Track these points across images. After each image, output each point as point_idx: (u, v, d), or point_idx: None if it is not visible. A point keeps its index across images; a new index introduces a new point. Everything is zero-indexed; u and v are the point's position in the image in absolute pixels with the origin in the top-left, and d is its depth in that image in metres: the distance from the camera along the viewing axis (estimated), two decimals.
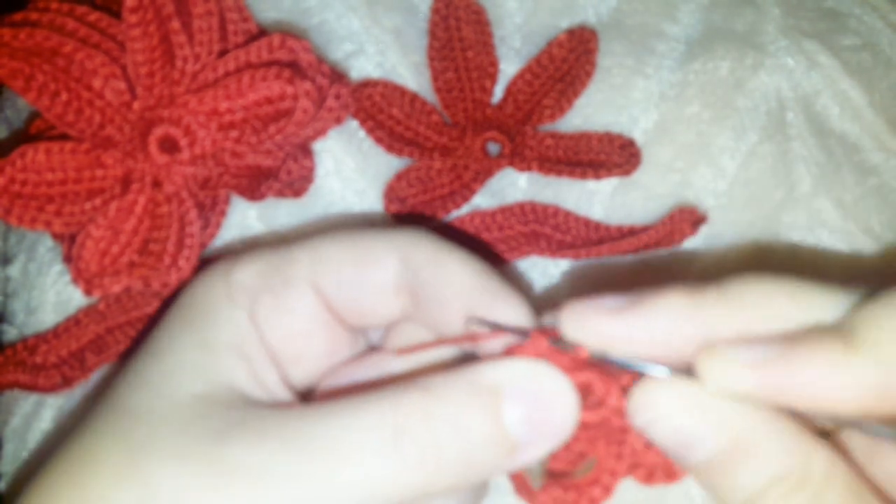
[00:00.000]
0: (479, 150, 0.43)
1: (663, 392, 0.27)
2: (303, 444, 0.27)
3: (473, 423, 0.28)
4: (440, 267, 0.31)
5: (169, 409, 0.28)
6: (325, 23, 0.45)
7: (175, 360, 0.30)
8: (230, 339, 0.31)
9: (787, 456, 0.26)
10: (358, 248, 0.33)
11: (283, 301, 0.32)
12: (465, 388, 0.28)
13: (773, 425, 0.27)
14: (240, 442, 0.27)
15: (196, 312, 0.32)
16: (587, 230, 0.42)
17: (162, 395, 0.29)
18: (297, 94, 0.36)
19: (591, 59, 0.44)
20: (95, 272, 0.36)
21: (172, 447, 0.27)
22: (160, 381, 0.29)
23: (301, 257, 0.33)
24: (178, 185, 0.38)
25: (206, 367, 0.30)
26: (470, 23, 0.44)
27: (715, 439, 0.27)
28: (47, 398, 0.41)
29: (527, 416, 0.28)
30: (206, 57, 0.38)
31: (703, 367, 0.27)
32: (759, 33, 0.47)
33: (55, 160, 0.36)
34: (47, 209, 0.36)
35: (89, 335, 0.40)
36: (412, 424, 0.27)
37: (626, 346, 0.28)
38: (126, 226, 0.37)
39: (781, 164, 0.44)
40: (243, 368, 0.30)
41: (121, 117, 0.37)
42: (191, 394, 0.29)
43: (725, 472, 0.27)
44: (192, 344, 0.30)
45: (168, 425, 0.28)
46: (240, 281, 0.32)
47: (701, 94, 0.45)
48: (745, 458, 0.26)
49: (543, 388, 0.28)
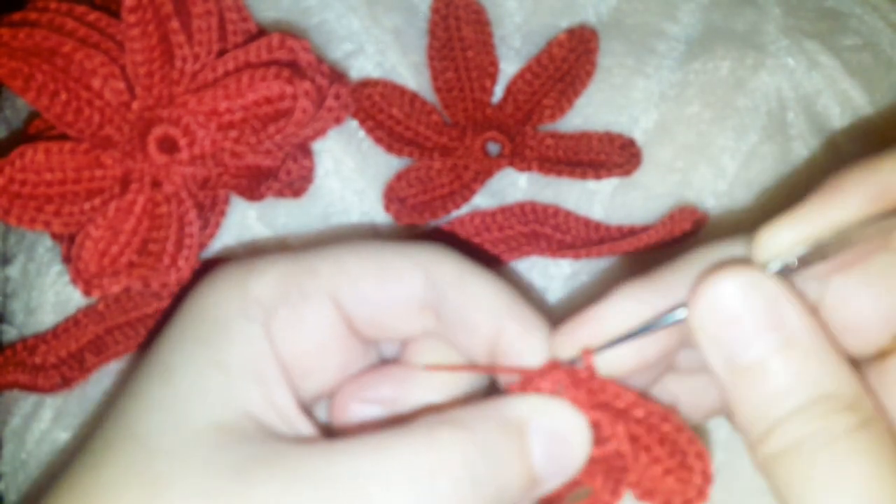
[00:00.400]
0: (479, 150, 0.42)
1: (736, 275, 0.27)
2: (333, 485, 0.26)
3: (507, 459, 0.28)
4: (466, 287, 0.31)
5: (187, 441, 0.27)
6: (325, 22, 0.45)
7: (189, 383, 0.29)
8: (246, 360, 0.29)
9: (840, 380, 0.26)
10: (382, 261, 0.32)
11: (300, 314, 0.31)
12: (495, 422, 0.28)
13: (827, 344, 0.26)
14: (266, 482, 0.26)
15: (209, 328, 0.30)
16: (587, 230, 0.42)
17: (178, 424, 0.27)
18: (296, 93, 0.36)
19: (592, 59, 0.44)
20: (94, 272, 0.36)
21: (195, 484, 0.26)
22: (175, 407, 0.28)
23: (322, 268, 0.32)
24: (177, 185, 0.38)
25: (222, 393, 0.28)
26: (470, 22, 0.44)
27: (777, 337, 0.26)
28: (46, 398, 0.41)
29: (548, 452, 0.28)
30: (206, 57, 0.38)
31: (756, 238, 0.27)
32: (760, 33, 0.47)
33: (54, 160, 0.36)
34: (46, 209, 0.36)
35: (88, 335, 0.40)
36: (448, 462, 0.27)
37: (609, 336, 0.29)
38: (125, 226, 0.37)
39: (782, 165, 0.44)
40: (260, 393, 0.29)
41: (120, 117, 0.37)
42: (209, 423, 0.27)
43: (772, 378, 0.26)
44: (207, 364, 0.29)
45: (188, 459, 0.26)
46: (255, 293, 0.31)
47: (701, 94, 0.45)
48: (799, 366, 0.26)
49: (564, 425, 0.29)
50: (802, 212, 0.27)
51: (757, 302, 0.26)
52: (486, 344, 0.31)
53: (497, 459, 0.28)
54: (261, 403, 0.29)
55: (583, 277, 0.42)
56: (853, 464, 0.25)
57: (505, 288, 0.32)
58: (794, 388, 0.26)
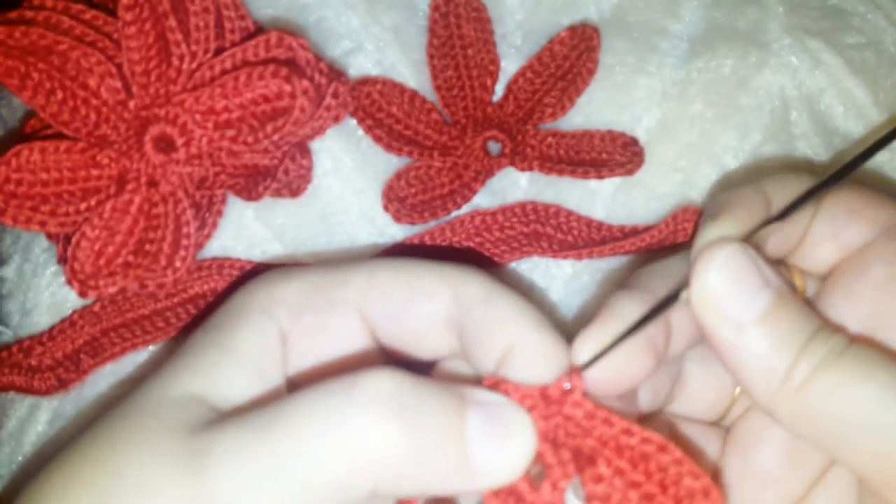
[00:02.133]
0: (479, 149, 0.42)
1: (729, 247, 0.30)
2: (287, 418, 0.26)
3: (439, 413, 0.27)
4: (491, 304, 0.31)
5: (156, 404, 0.28)
6: (324, 20, 0.45)
7: (189, 360, 0.30)
8: (248, 350, 0.30)
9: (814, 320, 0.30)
10: (412, 276, 0.32)
11: (324, 322, 0.31)
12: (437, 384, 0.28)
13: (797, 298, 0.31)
14: (210, 434, 0.26)
15: (227, 318, 0.31)
16: (589, 230, 0.42)
17: (158, 392, 0.29)
18: (294, 92, 0.35)
19: (593, 57, 0.44)
20: (90, 273, 0.36)
21: (147, 438, 0.27)
22: (167, 379, 0.29)
23: (353, 279, 0.32)
24: (174, 185, 0.37)
25: (212, 368, 0.29)
26: (470, 20, 0.44)
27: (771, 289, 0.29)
28: (42, 401, 0.40)
29: (486, 430, 0.27)
30: (203, 55, 0.37)
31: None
32: (763, 31, 0.46)
33: (50, 159, 0.36)
34: (42, 209, 0.36)
35: (84, 337, 0.40)
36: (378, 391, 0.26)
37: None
38: (121, 226, 0.36)
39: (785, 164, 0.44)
40: (249, 378, 0.29)
41: (116, 116, 0.37)
42: (185, 391, 0.28)
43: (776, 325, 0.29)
44: (211, 344, 0.30)
45: (151, 419, 0.27)
46: (282, 295, 0.31)
47: (704, 93, 0.45)
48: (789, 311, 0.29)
49: (506, 410, 0.28)
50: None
51: (750, 264, 0.29)
52: (497, 359, 0.31)
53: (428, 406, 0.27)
54: (246, 388, 0.29)
55: (584, 278, 0.42)
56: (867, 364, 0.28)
57: (529, 307, 0.32)
58: (798, 326, 0.29)
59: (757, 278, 0.29)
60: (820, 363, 0.28)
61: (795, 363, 0.28)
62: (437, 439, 0.27)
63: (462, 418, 0.27)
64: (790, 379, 0.28)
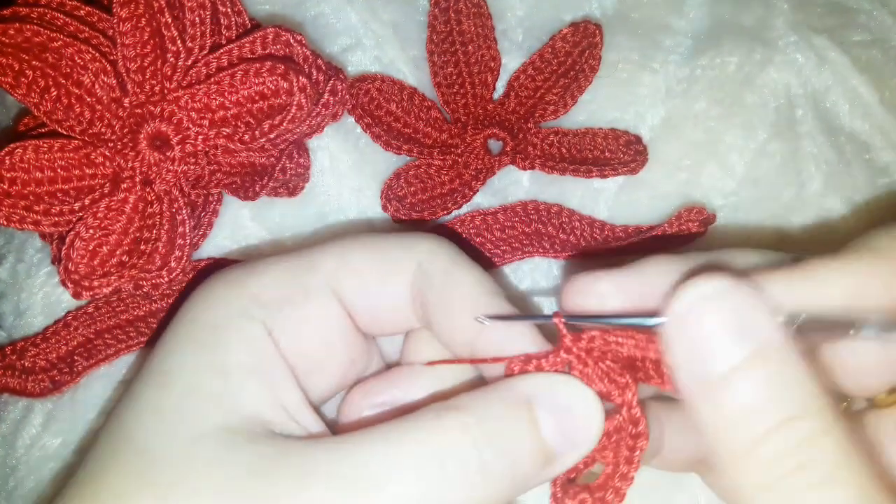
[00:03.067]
0: (480, 148, 0.42)
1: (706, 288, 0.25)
2: (344, 477, 0.26)
3: (514, 435, 0.28)
4: (452, 279, 0.31)
5: (190, 446, 0.27)
6: (322, 16, 0.45)
7: (187, 388, 0.28)
8: (247, 361, 0.29)
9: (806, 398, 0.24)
10: (382, 253, 0.32)
11: (304, 312, 0.31)
12: (500, 402, 0.28)
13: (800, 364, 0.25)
14: (278, 479, 0.26)
15: (207, 331, 0.30)
16: (591, 230, 0.41)
17: (179, 431, 0.27)
18: (292, 89, 0.35)
19: (596, 54, 0.44)
20: (85, 274, 0.35)
21: (204, 485, 0.26)
22: (175, 414, 0.28)
23: (324, 264, 0.32)
24: (169, 184, 0.37)
25: (222, 395, 0.28)
26: (470, 16, 0.43)
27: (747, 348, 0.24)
28: (36, 403, 0.40)
29: (558, 426, 0.28)
30: (199, 52, 0.37)
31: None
32: (768, 28, 0.46)
33: (44, 158, 0.35)
34: (36, 209, 0.35)
35: (78, 338, 0.39)
36: (455, 444, 0.27)
37: (618, 301, 0.29)
38: (116, 225, 0.36)
39: (791, 163, 0.44)
40: (265, 393, 0.29)
41: (111, 114, 0.36)
42: (212, 426, 0.27)
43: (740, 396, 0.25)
44: (206, 368, 0.29)
45: (193, 464, 0.26)
46: (256, 293, 0.30)
47: (709, 91, 0.44)
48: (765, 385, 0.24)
49: (570, 397, 0.29)
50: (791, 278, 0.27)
51: (726, 312, 0.25)
52: (467, 334, 0.31)
53: (505, 437, 0.27)
54: (267, 403, 0.29)
55: None
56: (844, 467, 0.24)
57: (488, 282, 0.32)
58: (764, 408, 0.24)
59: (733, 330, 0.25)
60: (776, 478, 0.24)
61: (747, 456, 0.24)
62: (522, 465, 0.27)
63: (538, 431, 0.28)
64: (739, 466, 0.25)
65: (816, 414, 0.24)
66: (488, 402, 0.28)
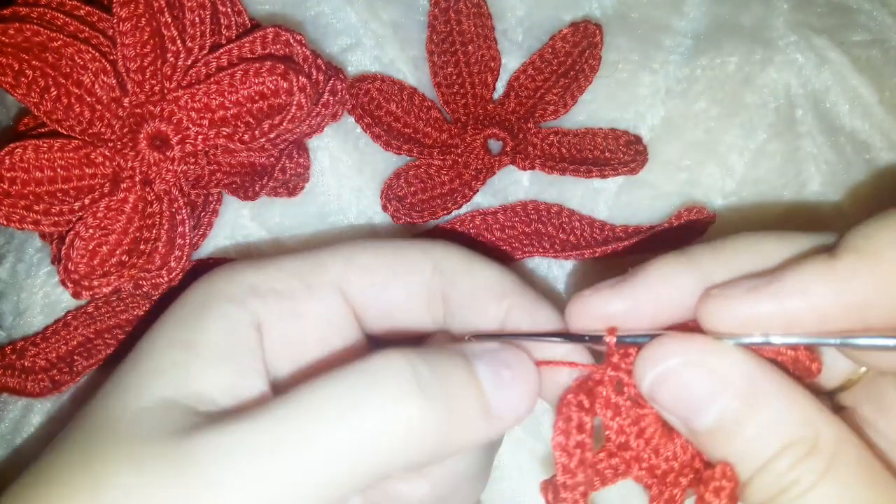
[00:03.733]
0: (480, 148, 0.42)
1: (672, 347, 0.27)
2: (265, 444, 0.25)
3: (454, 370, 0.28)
4: (475, 274, 0.32)
5: (130, 415, 0.27)
6: (321, 16, 0.45)
7: (153, 362, 0.29)
8: (219, 342, 0.29)
9: (799, 422, 0.26)
10: (392, 253, 0.32)
11: (304, 307, 0.31)
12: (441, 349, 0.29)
13: (786, 391, 0.26)
14: (202, 436, 0.25)
15: (189, 311, 0.30)
16: (591, 230, 0.41)
17: (129, 403, 0.27)
18: (291, 89, 0.35)
19: (596, 54, 0.44)
20: (84, 273, 0.35)
21: (126, 452, 0.26)
22: (131, 384, 0.28)
23: (331, 262, 0.32)
24: (168, 184, 0.37)
25: (180, 369, 0.28)
26: (470, 16, 0.43)
27: (726, 398, 0.26)
28: (36, 403, 0.40)
29: (495, 376, 0.28)
30: (199, 52, 0.37)
31: (701, 306, 0.27)
32: (768, 28, 0.46)
33: (44, 158, 0.35)
34: (36, 208, 0.35)
35: (78, 338, 0.39)
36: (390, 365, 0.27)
37: (632, 318, 0.29)
38: (116, 225, 0.36)
39: (791, 163, 0.44)
40: (224, 378, 0.29)
41: (111, 114, 0.36)
42: (157, 399, 0.27)
43: (736, 437, 0.26)
44: (174, 343, 0.29)
45: (125, 431, 0.26)
46: (255, 283, 0.31)
47: (709, 90, 0.44)
48: (757, 421, 0.26)
49: (507, 355, 0.29)
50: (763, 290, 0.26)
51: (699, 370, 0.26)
52: (495, 324, 0.31)
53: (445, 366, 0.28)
54: (223, 387, 0.28)
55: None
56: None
57: (510, 274, 0.32)
58: (756, 444, 0.26)
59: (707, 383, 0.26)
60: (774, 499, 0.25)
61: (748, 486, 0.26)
62: (460, 402, 0.27)
63: (474, 374, 0.28)
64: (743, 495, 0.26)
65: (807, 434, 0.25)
66: (431, 349, 0.29)
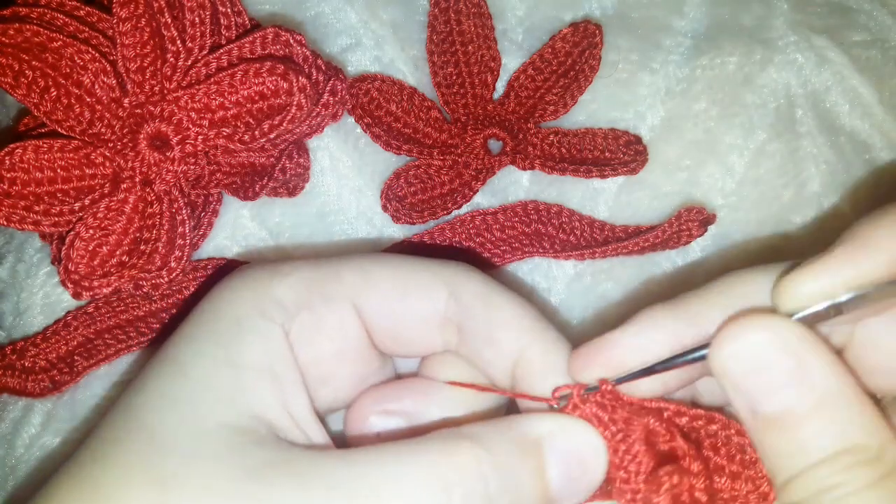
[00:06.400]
0: (479, 148, 0.42)
1: (765, 323, 0.26)
2: (348, 492, 0.25)
3: (522, 477, 0.28)
4: (492, 305, 0.31)
5: (198, 440, 0.26)
6: (321, 16, 0.45)
7: (202, 381, 0.28)
8: (261, 360, 0.29)
9: (867, 431, 0.25)
10: (407, 274, 0.32)
11: (321, 318, 0.31)
12: (513, 440, 0.28)
13: (861, 399, 0.26)
14: (282, 484, 0.25)
15: (225, 326, 0.29)
16: (591, 230, 0.41)
17: (189, 422, 0.27)
18: (291, 89, 0.35)
19: (596, 54, 0.44)
20: (84, 274, 0.35)
21: (206, 484, 0.25)
22: (186, 404, 0.27)
23: (346, 275, 0.31)
24: (169, 184, 0.37)
25: (235, 393, 0.28)
26: (470, 16, 0.43)
27: (803, 389, 0.26)
28: (36, 403, 0.40)
29: (565, 473, 0.28)
30: (198, 52, 0.37)
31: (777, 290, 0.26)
32: (768, 28, 0.46)
33: (44, 158, 0.35)
34: (36, 209, 0.35)
35: (78, 338, 0.39)
36: (463, 475, 0.27)
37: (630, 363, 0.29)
38: (116, 226, 0.36)
39: (791, 163, 0.44)
40: (273, 395, 0.29)
41: (111, 114, 0.36)
42: (220, 423, 0.27)
43: (796, 429, 0.26)
44: (220, 362, 0.28)
45: (199, 458, 0.26)
46: (277, 294, 0.30)
47: (708, 90, 0.44)
48: (825, 418, 0.25)
49: (581, 445, 0.29)
50: (827, 263, 0.26)
51: (782, 353, 0.26)
52: (508, 362, 0.31)
53: (512, 477, 0.27)
54: (274, 406, 0.28)
55: (587, 279, 0.42)
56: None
57: (530, 308, 0.31)
58: (818, 441, 0.26)
59: (789, 369, 0.26)
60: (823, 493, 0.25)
61: (799, 478, 0.26)
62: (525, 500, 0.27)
63: (543, 476, 0.28)
64: (789, 488, 0.26)
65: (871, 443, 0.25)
66: (500, 438, 0.28)
